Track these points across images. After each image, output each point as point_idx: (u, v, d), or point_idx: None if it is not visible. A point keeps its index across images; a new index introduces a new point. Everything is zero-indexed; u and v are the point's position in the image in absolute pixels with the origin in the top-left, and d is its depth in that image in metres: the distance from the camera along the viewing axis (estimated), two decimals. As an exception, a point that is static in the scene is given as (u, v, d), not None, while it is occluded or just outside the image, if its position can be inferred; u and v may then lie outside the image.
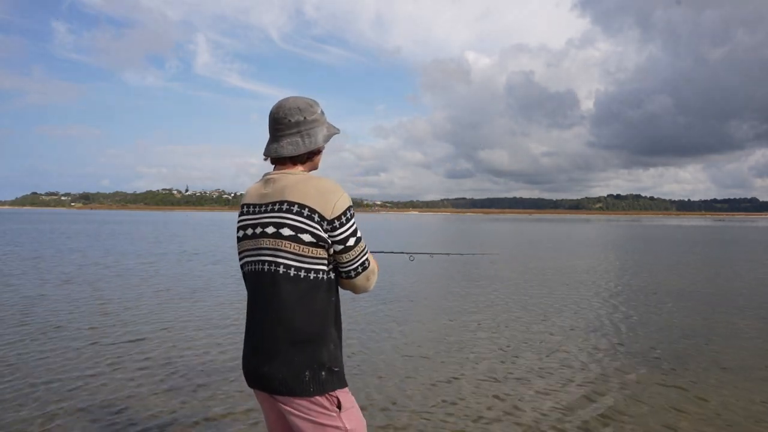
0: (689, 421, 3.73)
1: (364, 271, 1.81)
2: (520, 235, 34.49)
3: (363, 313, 7.36)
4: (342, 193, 1.76)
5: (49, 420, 3.66)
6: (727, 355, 5.44)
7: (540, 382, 4.56)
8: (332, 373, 1.74)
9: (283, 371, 1.71)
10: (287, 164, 1.83)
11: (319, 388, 1.71)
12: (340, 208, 1.72)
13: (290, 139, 1.80)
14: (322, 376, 1.72)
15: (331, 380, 1.74)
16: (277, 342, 1.73)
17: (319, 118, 1.83)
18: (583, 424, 3.68)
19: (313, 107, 1.82)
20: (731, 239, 30.37)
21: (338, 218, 1.72)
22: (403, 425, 3.65)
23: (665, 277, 11.94)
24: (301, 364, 1.71)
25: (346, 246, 1.75)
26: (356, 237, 1.78)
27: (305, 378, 1.70)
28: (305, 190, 1.74)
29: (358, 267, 1.79)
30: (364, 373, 4.78)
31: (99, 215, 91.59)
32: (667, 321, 7.10)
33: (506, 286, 10.28)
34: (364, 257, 1.81)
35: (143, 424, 3.62)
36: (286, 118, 1.79)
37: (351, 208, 1.77)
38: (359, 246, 1.78)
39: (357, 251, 1.78)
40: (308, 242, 1.71)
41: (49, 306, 7.73)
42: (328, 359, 1.74)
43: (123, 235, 27.64)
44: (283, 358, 1.72)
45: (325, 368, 1.72)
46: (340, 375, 1.77)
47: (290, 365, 1.71)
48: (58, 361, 5.01)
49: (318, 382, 1.71)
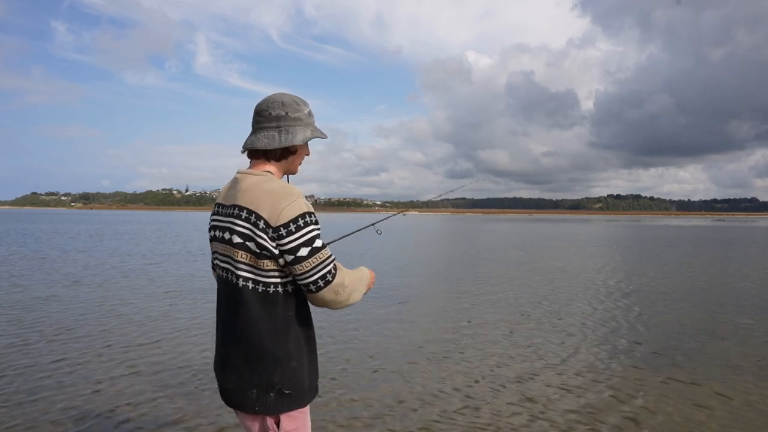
0: (716, 420, 3.75)
1: (327, 285, 1.63)
2: (520, 235, 34.48)
3: (372, 316, 7.36)
4: (294, 199, 1.61)
5: (66, 426, 3.67)
6: (744, 353, 5.45)
7: (559, 380, 4.58)
8: (282, 396, 1.65)
9: (233, 383, 1.68)
10: (260, 159, 1.74)
11: (264, 408, 1.64)
12: (288, 215, 1.58)
13: (267, 132, 1.71)
14: (270, 398, 1.64)
15: (279, 402, 1.65)
16: (231, 354, 1.68)
17: (303, 117, 1.74)
18: (610, 422, 3.69)
19: (298, 105, 1.74)
20: (733, 239, 30.36)
21: (285, 226, 1.57)
22: (425, 425, 3.66)
23: (673, 276, 11.93)
24: (249, 381, 1.65)
25: (297, 257, 1.58)
26: (311, 247, 1.60)
27: (251, 395, 1.64)
28: (257, 194, 1.62)
29: (317, 280, 1.62)
30: (387, 370, 4.79)
31: (100, 215, 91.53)
32: (680, 320, 7.10)
33: (516, 285, 10.28)
34: (323, 270, 1.63)
35: (162, 431, 3.62)
36: (267, 110, 1.72)
37: (306, 216, 1.61)
38: (316, 257, 1.61)
39: (313, 263, 1.61)
40: (254, 251, 1.60)
41: (60, 307, 7.73)
42: (280, 380, 1.64)
43: (126, 235, 27.62)
44: (235, 370, 1.68)
45: (274, 390, 1.64)
46: (293, 397, 1.67)
47: (240, 379, 1.66)
48: (72, 364, 5.01)
49: (264, 403, 1.64)
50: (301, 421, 1.72)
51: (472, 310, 7.94)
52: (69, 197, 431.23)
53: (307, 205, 1.63)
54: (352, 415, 3.88)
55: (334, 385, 4.48)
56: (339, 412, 3.92)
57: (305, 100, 1.78)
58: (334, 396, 4.24)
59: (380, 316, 7.34)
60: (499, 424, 3.75)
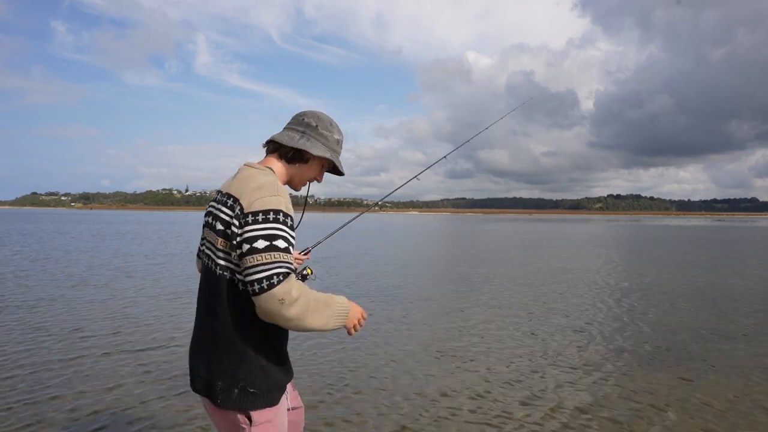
0: (723, 420, 3.77)
1: (271, 289, 1.50)
2: (521, 235, 34.51)
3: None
4: (274, 193, 1.60)
5: (77, 426, 3.71)
6: (751, 354, 5.48)
7: (566, 378, 4.62)
8: (247, 394, 1.62)
9: (203, 373, 1.67)
10: (272, 155, 1.78)
11: (226, 403, 1.63)
12: (260, 205, 1.57)
13: (291, 132, 1.78)
14: (234, 393, 1.62)
15: (242, 400, 1.63)
16: (204, 342, 1.68)
17: (330, 139, 1.79)
18: (619, 420, 3.73)
19: (332, 127, 1.80)
20: (734, 239, 30.39)
21: (254, 214, 1.56)
22: (430, 422, 3.71)
23: (676, 276, 11.96)
24: (215, 372, 1.64)
25: (252, 247, 1.53)
26: (269, 243, 1.54)
27: (217, 387, 1.63)
28: (246, 184, 1.63)
29: (262, 279, 1.51)
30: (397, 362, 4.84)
31: (100, 215, 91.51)
32: (686, 320, 7.14)
33: (519, 285, 10.32)
34: (272, 270, 1.52)
35: (175, 430, 3.66)
36: (302, 116, 1.80)
37: (280, 213, 1.58)
38: (271, 254, 1.53)
39: (264, 259, 1.52)
40: (230, 239, 1.59)
41: (68, 308, 7.76)
42: (245, 378, 1.62)
43: (128, 236, 27.63)
44: (204, 359, 1.67)
45: (238, 386, 1.61)
46: (258, 396, 1.64)
47: (208, 368, 1.66)
48: (82, 364, 5.03)
49: (227, 398, 1.62)
50: (272, 412, 1.70)
51: (475, 309, 7.98)
52: (69, 197, 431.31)
53: (285, 206, 1.61)
54: (362, 410, 3.94)
55: (340, 384, 4.53)
56: (348, 409, 3.98)
57: (340, 129, 1.86)
58: (344, 395, 4.29)
59: (385, 316, 7.38)
60: (510, 422, 3.79)
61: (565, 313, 7.74)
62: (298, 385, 4.32)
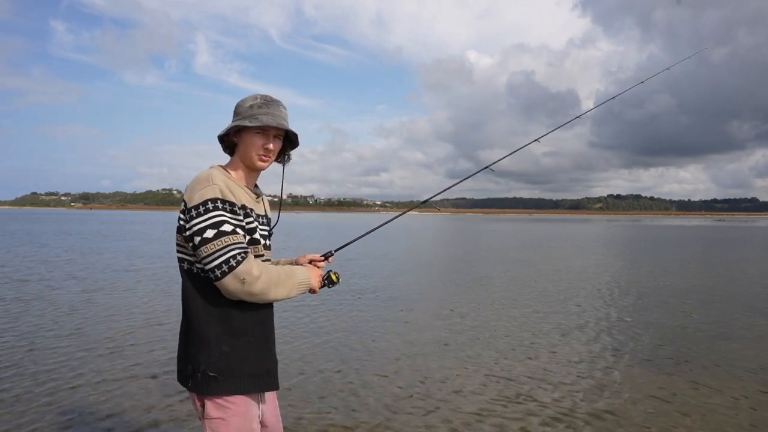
0: (732, 420, 3.85)
1: (231, 271, 1.62)
2: (522, 235, 34.55)
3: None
4: (208, 184, 1.70)
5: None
6: (759, 354, 5.55)
7: (570, 378, 4.70)
8: (207, 378, 1.69)
9: (179, 360, 1.81)
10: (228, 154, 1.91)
11: (194, 387, 1.72)
12: (198, 198, 1.67)
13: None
14: (198, 377, 1.70)
15: (205, 385, 1.69)
16: (180, 333, 1.82)
17: (242, 111, 1.82)
18: (635, 421, 3.81)
19: (245, 100, 1.84)
20: (735, 239, 30.40)
21: (195, 207, 1.67)
22: (439, 422, 3.81)
23: (680, 276, 12.03)
24: (184, 358, 1.77)
25: (203, 238, 1.64)
26: (218, 230, 1.64)
27: (187, 371, 1.74)
28: (190, 182, 1.76)
29: (221, 264, 1.62)
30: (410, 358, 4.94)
31: (101, 215, 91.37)
32: (693, 320, 7.21)
33: (522, 285, 10.41)
34: (227, 254, 1.63)
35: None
36: None
37: (216, 201, 1.67)
38: (220, 241, 1.63)
39: (217, 246, 1.63)
40: (181, 232, 1.73)
41: (104, 314, 7.75)
42: (206, 362, 1.69)
43: (141, 236, 27.59)
44: (180, 347, 1.81)
45: (199, 370, 1.69)
46: (219, 382, 1.70)
47: (182, 356, 1.79)
48: (136, 374, 4.88)
49: (195, 382, 1.72)
50: (231, 411, 1.71)
51: (479, 309, 8.08)
52: (69, 197, 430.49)
53: (221, 192, 1.69)
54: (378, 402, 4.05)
55: (348, 382, 4.65)
56: (353, 403, 4.08)
57: (267, 96, 1.84)
58: (351, 391, 4.41)
59: (391, 316, 7.49)
60: (513, 423, 3.89)
61: (570, 313, 7.82)
62: (302, 389, 4.43)
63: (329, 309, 7.78)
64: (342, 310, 7.79)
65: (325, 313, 7.45)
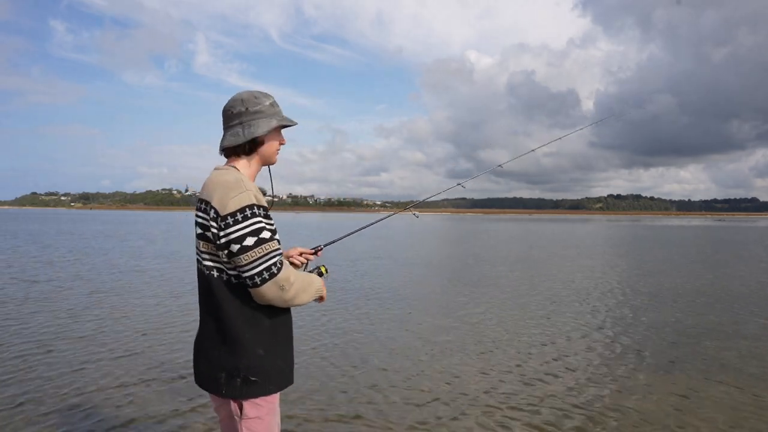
0: (746, 421, 3.85)
1: (272, 278, 1.63)
2: (522, 236, 34.57)
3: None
4: (243, 190, 1.66)
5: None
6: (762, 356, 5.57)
7: (574, 378, 4.69)
8: (248, 382, 1.71)
9: (205, 366, 1.77)
10: (232, 157, 1.82)
11: (231, 392, 1.72)
12: (234, 205, 1.64)
13: (233, 130, 1.79)
14: (237, 383, 1.71)
15: (245, 388, 1.71)
16: (204, 340, 1.78)
17: (265, 109, 1.79)
18: (654, 423, 3.80)
19: (258, 99, 1.79)
20: (736, 239, 30.44)
21: (232, 215, 1.63)
22: (442, 421, 3.79)
23: (685, 276, 12.02)
24: (216, 364, 1.73)
25: (243, 246, 1.62)
26: (257, 237, 1.63)
27: (220, 379, 1.72)
28: (213, 186, 1.71)
29: (262, 272, 1.63)
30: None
31: (102, 215, 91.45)
32: (701, 320, 7.20)
33: (527, 286, 10.40)
34: (269, 261, 1.64)
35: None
36: (229, 110, 1.80)
37: (254, 207, 1.66)
38: (262, 248, 1.64)
39: (258, 253, 1.63)
40: (210, 240, 1.68)
41: (116, 315, 7.73)
42: (246, 367, 1.70)
43: (146, 236, 27.61)
44: (205, 355, 1.77)
45: (240, 375, 1.70)
46: (259, 385, 1.72)
47: (209, 363, 1.76)
48: (152, 393, 4.75)
49: (231, 387, 1.71)
50: (265, 409, 1.76)
51: (494, 309, 8.06)
52: (69, 197, 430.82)
53: (255, 197, 1.68)
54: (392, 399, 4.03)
55: (355, 379, 4.63)
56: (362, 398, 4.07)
57: (268, 93, 1.84)
58: (358, 389, 4.39)
59: (398, 316, 7.47)
60: (522, 421, 3.88)
61: (585, 313, 7.82)
62: (327, 390, 4.41)
63: (345, 309, 7.79)
64: (355, 311, 7.78)
65: (340, 314, 7.44)
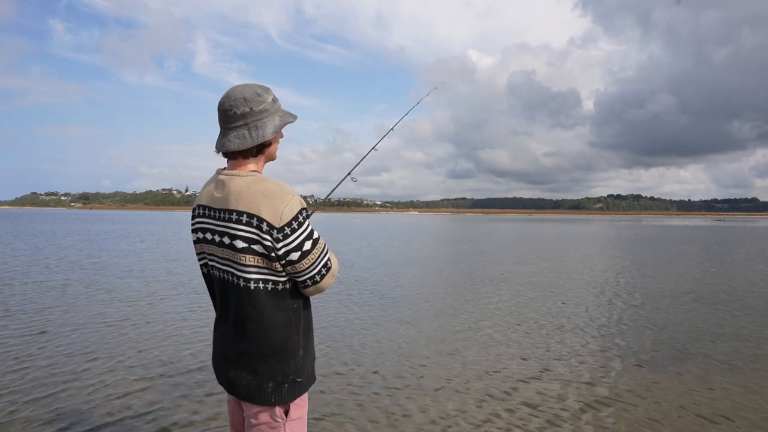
0: (747, 422, 3.89)
1: (329, 272, 1.72)
2: (523, 236, 34.56)
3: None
4: (290, 196, 1.64)
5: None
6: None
7: (575, 378, 4.72)
8: (295, 384, 1.72)
9: (248, 379, 1.71)
10: (238, 158, 1.72)
11: (280, 399, 1.71)
12: (289, 213, 1.62)
13: (237, 132, 1.68)
14: (285, 388, 1.71)
15: (292, 391, 1.72)
16: (243, 353, 1.70)
17: (269, 107, 1.70)
18: (620, 425, 3.86)
19: (261, 96, 1.69)
20: (737, 239, 30.40)
21: (288, 225, 1.61)
22: (443, 423, 3.85)
23: (685, 276, 12.04)
24: (265, 375, 1.69)
25: (304, 251, 1.65)
26: (313, 239, 1.68)
27: (268, 389, 1.69)
28: (253, 197, 1.63)
29: (321, 269, 1.70)
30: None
31: (106, 215, 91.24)
32: (703, 320, 7.22)
33: (527, 286, 10.44)
34: (325, 258, 1.72)
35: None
36: (231, 110, 1.67)
37: (304, 211, 1.67)
38: (317, 248, 1.69)
39: (316, 254, 1.68)
40: (261, 253, 1.62)
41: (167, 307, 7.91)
42: (294, 370, 1.71)
43: (155, 236, 27.51)
44: (247, 367, 1.70)
45: (288, 380, 1.70)
46: (302, 384, 1.75)
47: (254, 375, 1.70)
48: (179, 397, 4.81)
49: (279, 394, 1.70)
50: (305, 409, 1.79)
51: (483, 309, 8.10)
52: (69, 197, 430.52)
53: (301, 201, 1.67)
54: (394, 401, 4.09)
55: (387, 386, 4.69)
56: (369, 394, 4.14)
57: (266, 86, 1.74)
58: (372, 389, 4.45)
59: (402, 316, 7.53)
60: (522, 420, 3.94)
61: (577, 314, 7.83)
62: (343, 391, 4.45)
63: (349, 310, 7.84)
64: (365, 311, 7.83)
65: (354, 312, 7.50)
